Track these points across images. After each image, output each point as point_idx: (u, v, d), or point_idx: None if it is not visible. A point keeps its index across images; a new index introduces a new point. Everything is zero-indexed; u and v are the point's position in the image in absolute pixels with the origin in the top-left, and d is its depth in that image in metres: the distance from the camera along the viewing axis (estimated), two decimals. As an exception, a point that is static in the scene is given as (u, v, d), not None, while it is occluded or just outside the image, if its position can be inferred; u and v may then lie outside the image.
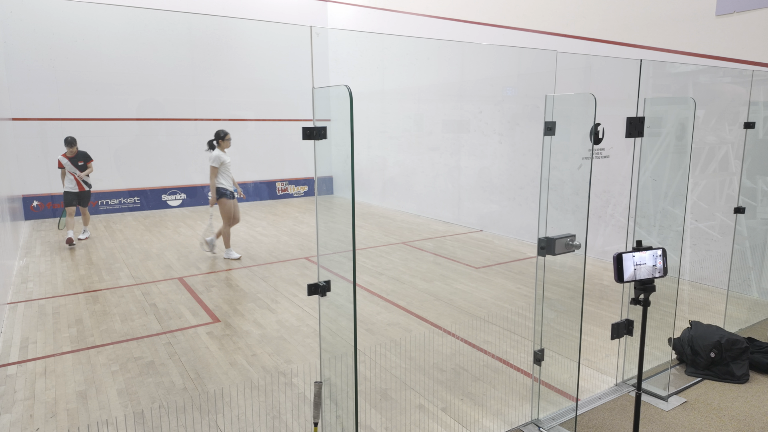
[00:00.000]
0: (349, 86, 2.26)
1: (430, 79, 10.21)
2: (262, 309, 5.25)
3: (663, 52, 6.09)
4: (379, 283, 6.11)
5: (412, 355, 4.19)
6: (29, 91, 10.03)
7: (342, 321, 2.67)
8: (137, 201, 11.27)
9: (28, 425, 3.23)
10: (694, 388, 3.67)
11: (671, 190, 3.93)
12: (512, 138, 8.39)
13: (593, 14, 6.90)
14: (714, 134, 5.91)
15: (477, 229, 9.21)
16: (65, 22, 10.30)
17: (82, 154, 8.13)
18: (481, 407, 3.42)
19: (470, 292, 5.75)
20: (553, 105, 3.00)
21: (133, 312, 5.17)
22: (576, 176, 3.17)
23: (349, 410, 2.70)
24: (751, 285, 5.50)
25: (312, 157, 2.52)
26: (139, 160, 11.25)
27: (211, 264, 7.00)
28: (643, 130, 3.24)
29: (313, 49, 10.34)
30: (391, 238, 8.56)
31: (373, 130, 11.87)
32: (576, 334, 3.15)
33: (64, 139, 7.95)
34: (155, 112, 11.41)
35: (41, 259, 7.29)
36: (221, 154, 6.96)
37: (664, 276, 2.54)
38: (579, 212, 3.09)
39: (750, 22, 5.32)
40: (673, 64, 6.04)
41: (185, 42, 11.63)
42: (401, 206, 11.29)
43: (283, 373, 3.88)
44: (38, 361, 4.11)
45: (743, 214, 4.60)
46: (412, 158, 10.90)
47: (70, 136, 7.95)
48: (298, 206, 12.13)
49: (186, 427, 3.17)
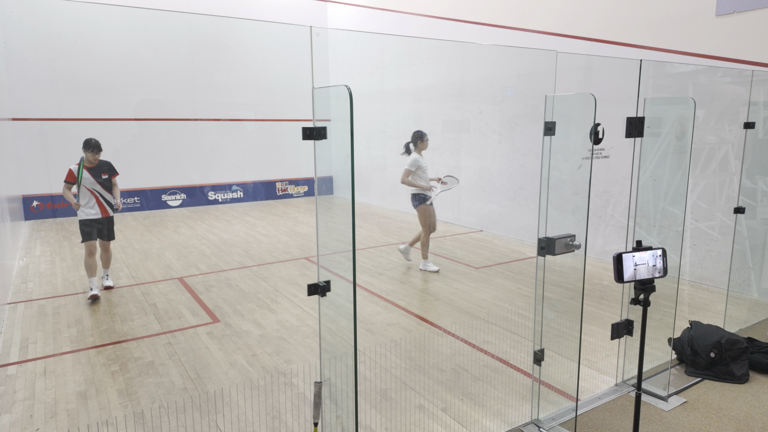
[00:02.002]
0: (349, 86, 2.26)
1: (430, 79, 10.21)
2: (262, 309, 5.25)
3: (663, 52, 6.09)
4: (379, 283, 6.11)
5: (412, 355, 4.19)
6: (29, 91, 10.03)
7: (342, 321, 2.67)
8: (137, 201, 11.27)
9: (28, 425, 3.23)
10: (694, 388, 3.67)
11: (671, 190, 3.93)
12: (512, 138, 8.39)
13: (593, 14, 6.90)
14: (714, 134, 5.91)
15: (477, 229, 9.20)
16: (65, 22, 10.30)
17: (106, 164, 5.82)
18: (481, 407, 3.42)
19: (470, 292, 5.75)
20: (553, 105, 3.00)
21: (133, 312, 5.17)
22: (576, 176, 3.17)
23: (349, 410, 2.70)
24: (751, 285, 5.50)
25: (312, 157, 2.52)
26: (139, 160, 11.24)
27: (211, 264, 7.00)
28: (643, 130, 3.24)
29: (313, 49, 10.34)
30: (391, 238, 8.56)
31: (373, 130, 11.87)
32: (576, 334, 3.15)
33: (86, 141, 5.63)
34: (155, 112, 11.42)
35: (41, 259, 7.29)
36: (418, 158, 6.31)
37: (664, 276, 2.54)
38: (579, 212, 3.09)
39: (750, 22, 5.32)
40: (672, 64, 6.04)
41: (185, 42, 11.63)
42: (401, 206, 11.29)
43: (283, 373, 3.88)
44: (38, 361, 4.11)
45: (743, 214, 4.60)
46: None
47: (94, 139, 5.69)
48: (298, 206, 12.13)
49: (186, 427, 3.17)
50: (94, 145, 5.62)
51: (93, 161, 5.66)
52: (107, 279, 6.08)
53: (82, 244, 5.72)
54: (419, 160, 6.32)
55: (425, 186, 6.37)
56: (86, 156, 5.63)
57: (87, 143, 5.62)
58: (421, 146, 6.34)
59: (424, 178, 6.39)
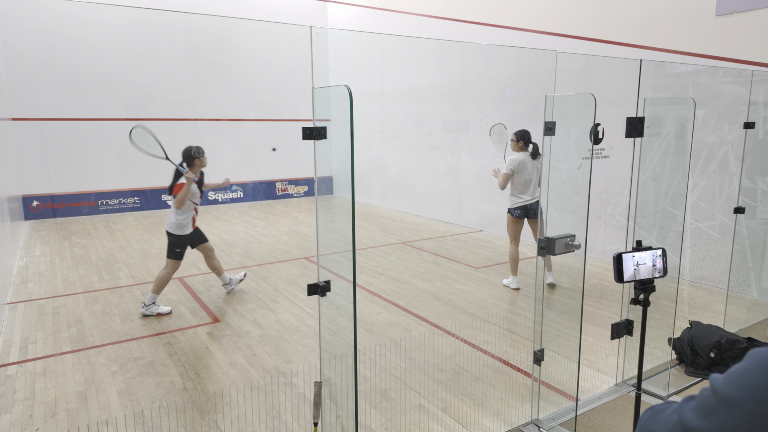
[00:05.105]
0: (349, 86, 2.26)
1: (430, 79, 10.21)
2: (262, 309, 5.25)
3: (663, 52, 6.09)
4: (379, 283, 6.11)
5: (412, 355, 4.19)
6: (29, 91, 10.03)
7: (342, 321, 2.67)
8: (137, 201, 11.27)
9: (28, 425, 3.23)
10: (694, 388, 3.67)
11: (671, 190, 3.93)
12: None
13: (593, 14, 6.90)
14: (714, 134, 5.91)
15: (477, 229, 9.20)
16: (65, 22, 10.30)
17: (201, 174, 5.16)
18: (481, 407, 3.42)
19: (470, 292, 5.75)
20: (553, 105, 3.00)
21: (133, 312, 5.17)
22: (576, 176, 3.17)
23: (349, 410, 2.70)
24: (751, 285, 5.50)
25: (312, 157, 2.52)
26: (139, 160, 11.18)
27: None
28: (642, 130, 3.24)
29: (313, 49, 10.32)
30: (391, 238, 8.56)
31: (373, 130, 11.87)
32: (576, 334, 3.15)
33: (195, 148, 4.91)
34: (155, 111, 11.42)
35: (41, 259, 7.29)
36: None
37: (664, 276, 2.54)
38: (579, 212, 3.09)
39: (750, 22, 5.32)
40: (672, 64, 6.04)
41: (185, 42, 11.63)
42: (401, 206, 11.29)
43: (283, 373, 3.88)
44: (38, 361, 4.11)
45: (743, 214, 4.60)
46: (412, 158, 10.89)
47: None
48: (298, 206, 12.13)
49: (186, 427, 3.17)
50: (202, 152, 4.91)
51: (200, 168, 4.89)
52: (231, 282, 5.59)
53: (171, 262, 4.98)
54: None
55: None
56: (196, 164, 4.86)
57: (197, 150, 4.88)
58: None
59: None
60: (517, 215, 5.66)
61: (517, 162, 5.52)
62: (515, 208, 5.65)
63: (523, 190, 5.57)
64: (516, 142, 5.62)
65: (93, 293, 5.77)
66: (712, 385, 0.72)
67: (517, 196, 5.62)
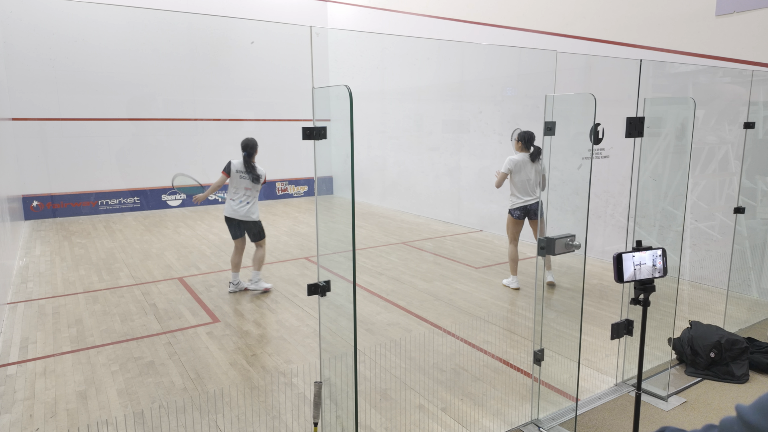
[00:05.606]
0: (348, 86, 2.26)
1: (430, 79, 10.21)
2: (262, 309, 5.25)
3: (663, 52, 6.09)
4: (379, 283, 6.11)
5: (412, 355, 4.19)
6: (29, 91, 10.03)
7: (342, 321, 2.67)
8: (137, 201, 11.27)
9: (28, 425, 3.23)
10: (694, 388, 3.67)
11: (671, 190, 3.93)
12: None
13: (593, 14, 6.90)
14: (714, 134, 5.91)
15: (477, 229, 9.20)
16: (65, 22, 10.30)
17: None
18: (481, 407, 3.42)
19: (470, 292, 5.75)
20: (553, 105, 3.00)
21: (133, 312, 5.17)
22: (576, 176, 3.17)
23: (349, 410, 2.70)
24: (751, 285, 5.50)
25: (312, 157, 2.52)
26: (139, 160, 11.24)
27: (211, 264, 7.00)
28: (643, 130, 3.24)
29: (313, 49, 10.32)
30: (391, 238, 8.56)
31: (373, 130, 11.87)
32: (576, 334, 3.15)
33: (252, 141, 5.61)
34: (155, 111, 11.42)
35: (41, 259, 7.29)
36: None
37: (664, 276, 2.54)
38: (579, 212, 3.09)
39: (750, 22, 5.32)
40: (672, 64, 6.04)
41: (185, 42, 11.63)
42: (401, 206, 11.29)
43: (283, 373, 3.88)
44: (38, 361, 4.11)
45: (743, 214, 4.60)
46: (412, 158, 10.90)
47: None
48: (298, 206, 12.13)
49: (186, 427, 3.17)
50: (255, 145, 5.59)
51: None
52: (258, 281, 5.76)
53: (236, 242, 5.73)
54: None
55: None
56: (253, 154, 5.59)
57: (254, 143, 5.60)
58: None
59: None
60: (517, 216, 5.68)
61: (514, 162, 5.54)
62: (515, 209, 5.68)
63: (521, 190, 5.60)
64: (517, 142, 5.67)
65: (93, 293, 5.78)
66: (740, 414, 0.72)
67: (516, 196, 5.65)
